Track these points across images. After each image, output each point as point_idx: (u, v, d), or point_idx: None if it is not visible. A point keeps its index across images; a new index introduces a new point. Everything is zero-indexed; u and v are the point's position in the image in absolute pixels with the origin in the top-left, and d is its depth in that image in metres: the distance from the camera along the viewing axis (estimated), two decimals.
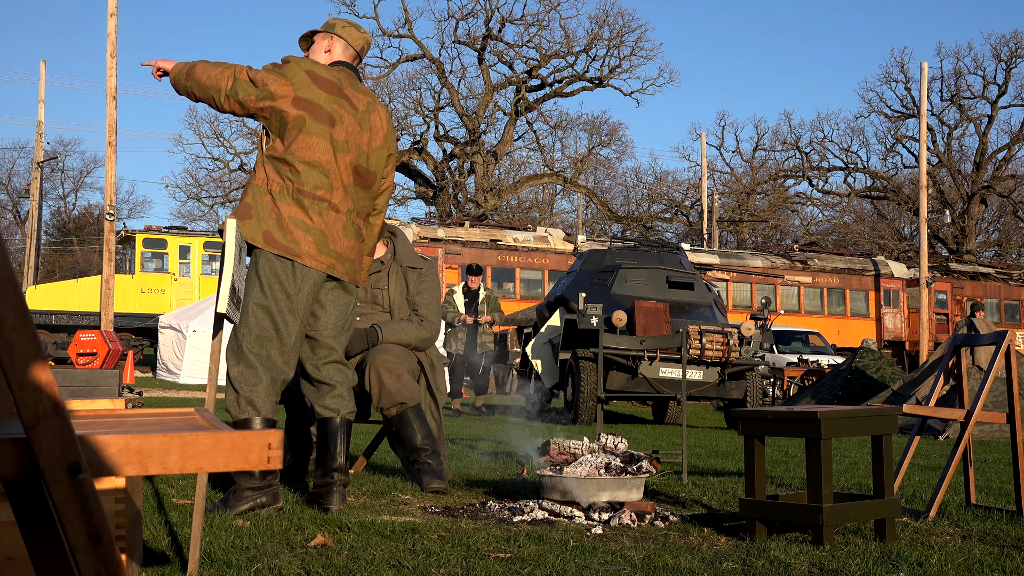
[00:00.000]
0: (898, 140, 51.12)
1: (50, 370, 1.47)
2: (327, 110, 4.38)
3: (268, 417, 4.33)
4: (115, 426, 1.98)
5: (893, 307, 32.70)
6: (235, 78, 4.28)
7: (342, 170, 4.43)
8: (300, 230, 4.32)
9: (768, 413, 4.18)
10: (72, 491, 1.45)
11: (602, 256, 15.53)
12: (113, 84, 22.16)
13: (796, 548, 3.81)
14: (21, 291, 1.47)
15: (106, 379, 7.88)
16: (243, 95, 4.29)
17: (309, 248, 4.34)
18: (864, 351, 15.29)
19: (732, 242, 53.81)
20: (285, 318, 4.36)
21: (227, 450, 1.62)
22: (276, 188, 4.32)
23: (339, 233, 4.43)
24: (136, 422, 2.11)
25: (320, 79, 4.40)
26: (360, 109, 4.52)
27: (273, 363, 4.37)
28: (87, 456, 1.50)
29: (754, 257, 31.84)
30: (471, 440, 9.09)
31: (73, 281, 28.31)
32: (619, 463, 4.85)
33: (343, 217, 4.44)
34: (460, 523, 4.28)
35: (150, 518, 4.01)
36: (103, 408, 2.56)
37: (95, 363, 19.10)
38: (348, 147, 4.45)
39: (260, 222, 4.30)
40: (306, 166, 4.33)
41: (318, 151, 4.35)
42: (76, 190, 61.39)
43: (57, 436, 1.45)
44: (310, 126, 4.34)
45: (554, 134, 49.36)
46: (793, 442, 9.54)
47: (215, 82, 4.29)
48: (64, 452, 1.46)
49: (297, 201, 4.32)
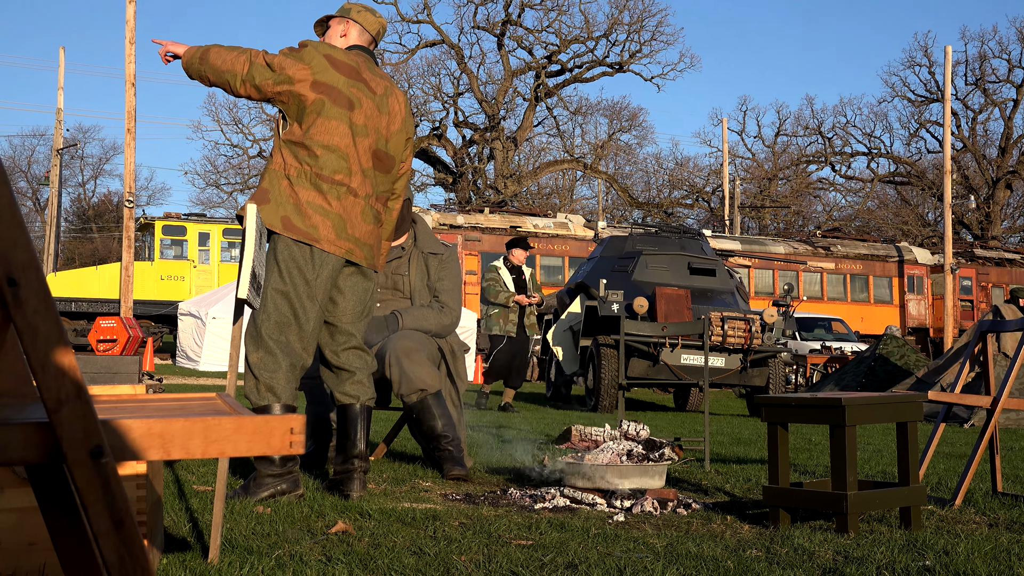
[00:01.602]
0: (922, 125, 50.80)
1: (73, 354, 1.47)
2: (346, 94, 4.37)
3: (288, 403, 4.33)
4: (136, 411, 1.98)
5: (917, 294, 32.53)
6: (251, 62, 4.25)
7: (361, 154, 4.41)
8: (318, 215, 4.31)
9: (792, 399, 4.17)
10: (95, 475, 1.45)
11: (623, 242, 15.50)
12: (132, 71, 22.22)
13: (820, 536, 3.80)
14: (43, 275, 1.47)
15: (126, 365, 7.90)
16: (260, 79, 4.26)
17: (328, 233, 4.33)
18: (888, 338, 15.22)
19: (754, 228, 53.63)
20: (304, 303, 4.35)
21: (249, 435, 1.62)
22: (294, 173, 4.30)
23: (357, 218, 4.41)
24: (157, 407, 2.11)
25: (338, 63, 4.39)
26: (378, 93, 4.50)
27: (292, 349, 4.36)
28: (109, 440, 1.50)
29: (776, 243, 31.71)
30: (492, 427, 9.10)
31: (93, 268, 28.45)
32: (641, 450, 4.84)
33: (361, 202, 4.43)
34: (481, 510, 4.29)
35: (171, 504, 4.02)
36: (124, 393, 2.57)
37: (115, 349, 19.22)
38: (367, 131, 4.44)
39: (278, 207, 4.29)
40: (325, 150, 4.31)
41: (337, 135, 4.34)
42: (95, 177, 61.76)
43: (80, 420, 1.46)
44: (329, 110, 4.32)
45: (574, 120, 49.33)
46: (817, 430, 9.51)
47: (231, 66, 4.25)
48: (87, 436, 1.46)
49: (315, 186, 4.31)
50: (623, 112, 51.89)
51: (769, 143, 54.65)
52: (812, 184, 54.27)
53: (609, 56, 44.76)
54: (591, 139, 51.25)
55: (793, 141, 54.57)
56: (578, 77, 45.32)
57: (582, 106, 48.80)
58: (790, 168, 53.16)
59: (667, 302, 13.69)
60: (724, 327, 13.03)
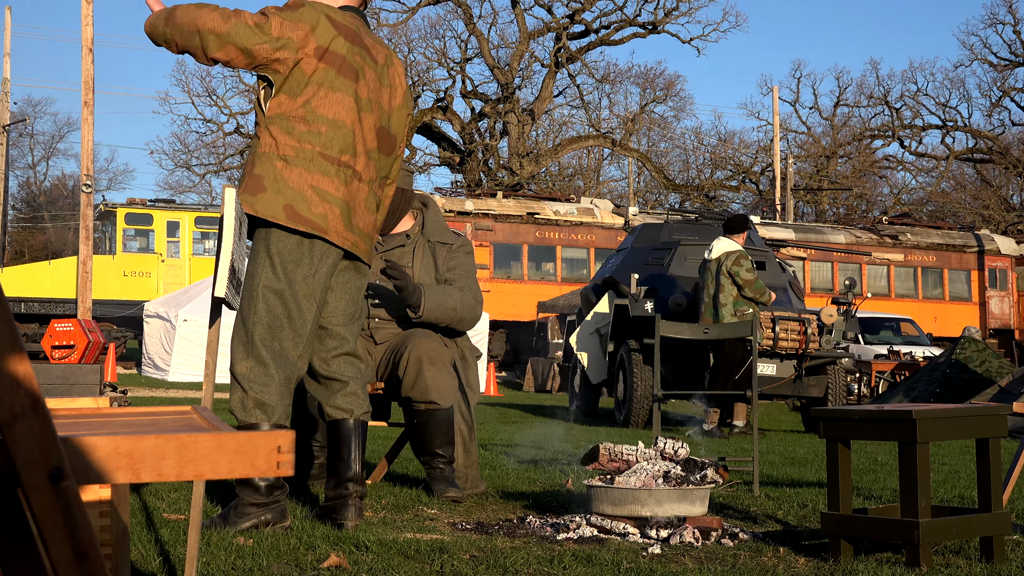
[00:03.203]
0: (1005, 93, 50.61)
1: (28, 362, 1.48)
2: (351, 62, 4.31)
3: (279, 423, 4.30)
4: (101, 427, 1.99)
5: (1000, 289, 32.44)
6: (234, 20, 4.09)
7: (366, 132, 4.36)
8: (326, 202, 4.24)
9: (854, 413, 4.17)
10: (54, 500, 1.46)
11: (658, 231, 15.49)
12: (89, 34, 22.32)
13: (888, 570, 3.80)
14: None
15: (85, 375, 7.94)
16: (250, 42, 4.12)
17: (336, 224, 4.27)
18: (966, 341, 15.18)
19: (810, 214, 53.52)
20: (300, 304, 4.31)
21: (231, 454, 1.63)
22: (291, 152, 4.22)
23: (361, 206, 4.37)
24: (125, 422, 2.13)
25: (340, 25, 4.32)
26: (380, 62, 4.47)
27: (286, 358, 4.31)
28: (71, 460, 1.51)
29: (836, 232, 31.66)
30: (507, 445, 9.12)
31: (45, 263, 28.62)
32: (679, 471, 4.84)
33: (365, 187, 4.39)
34: (495, 541, 4.30)
35: (139, 535, 4.04)
36: (85, 407, 2.59)
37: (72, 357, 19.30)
38: (371, 106, 4.39)
39: (278, 194, 4.20)
40: (331, 126, 4.25)
41: (343, 109, 4.28)
42: (47, 158, 62.05)
43: (37, 437, 1.47)
44: (334, 80, 4.26)
45: (600, 89, 49.27)
46: (883, 447, 9.50)
47: (206, 23, 4.07)
48: (45, 456, 1.47)
49: (320, 167, 4.23)
50: (657, 80, 51.85)
51: (827, 115, 54.54)
52: (877, 163, 54.14)
53: (641, 15, 44.72)
54: (620, 111, 51.26)
55: (855, 113, 54.47)
56: (605, 39, 45.27)
57: (610, 73, 48.80)
58: (851, 144, 53.03)
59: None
60: (775, 329, 13.01)
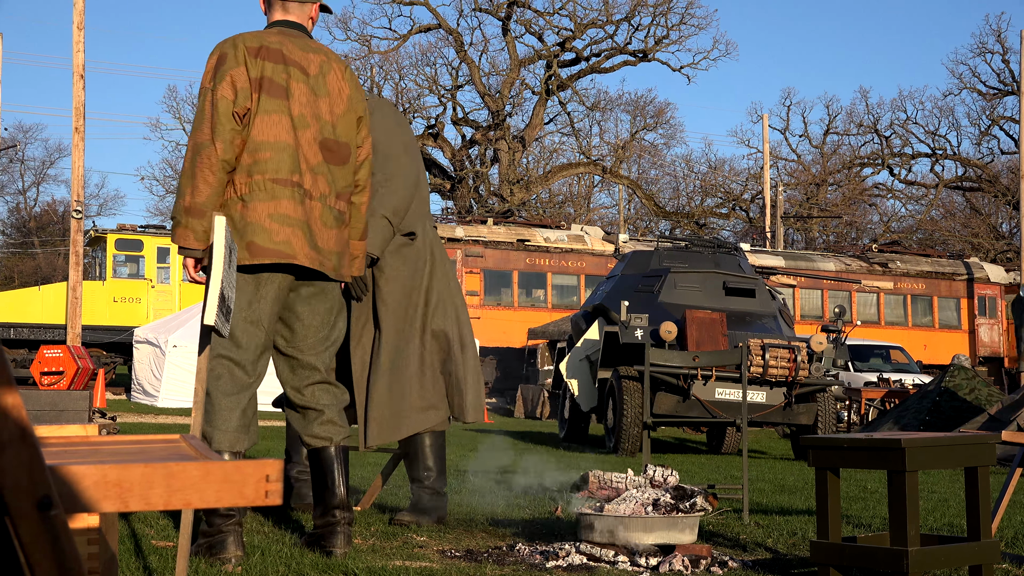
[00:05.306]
0: (994, 121, 50.84)
1: (16, 389, 1.48)
2: (278, 82, 4.36)
3: (237, 450, 4.39)
4: (89, 455, 2.00)
5: (989, 317, 32.50)
6: (206, 119, 4.22)
7: (305, 149, 4.39)
8: (287, 226, 4.30)
9: (844, 441, 4.17)
10: (43, 529, 1.46)
11: (648, 258, 15.51)
12: (80, 61, 22.35)
13: None
14: None
15: (74, 402, 7.93)
16: (233, 108, 4.24)
17: (302, 245, 4.33)
18: (955, 369, 15.20)
19: (799, 241, 53.62)
20: (243, 328, 4.38)
21: (218, 483, 1.63)
22: (246, 190, 4.29)
23: (318, 223, 4.41)
24: (113, 451, 2.13)
25: (258, 50, 4.36)
26: (312, 73, 4.48)
27: (236, 383, 4.41)
28: (59, 489, 1.51)
29: (825, 259, 31.72)
30: (496, 472, 9.10)
31: (35, 289, 28.52)
32: (669, 499, 4.84)
33: (318, 204, 4.42)
34: (484, 569, 4.29)
35: (127, 562, 4.03)
36: (74, 435, 2.59)
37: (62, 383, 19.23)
38: (306, 121, 4.42)
39: (240, 238, 4.26)
40: (274, 149, 4.31)
41: (282, 129, 4.33)
42: (38, 183, 61.91)
43: (25, 466, 1.47)
44: (266, 104, 4.32)
45: (591, 116, 49.39)
46: (873, 475, 9.50)
47: (196, 147, 4.21)
48: (33, 485, 1.47)
49: (275, 193, 4.30)
50: (648, 108, 52.03)
51: (817, 143, 54.74)
52: (867, 190, 54.29)
53: (631, 43, 44.89)
54: (611, 139, 51.37)
55: (845, 141, 54.66)
56: (595, 67, 45.44)
57: (600, 100, 48.95)
58: (841, 172, 53.20)
59: (699, 327, 13.68)
60: (765, 356, 13.02)
